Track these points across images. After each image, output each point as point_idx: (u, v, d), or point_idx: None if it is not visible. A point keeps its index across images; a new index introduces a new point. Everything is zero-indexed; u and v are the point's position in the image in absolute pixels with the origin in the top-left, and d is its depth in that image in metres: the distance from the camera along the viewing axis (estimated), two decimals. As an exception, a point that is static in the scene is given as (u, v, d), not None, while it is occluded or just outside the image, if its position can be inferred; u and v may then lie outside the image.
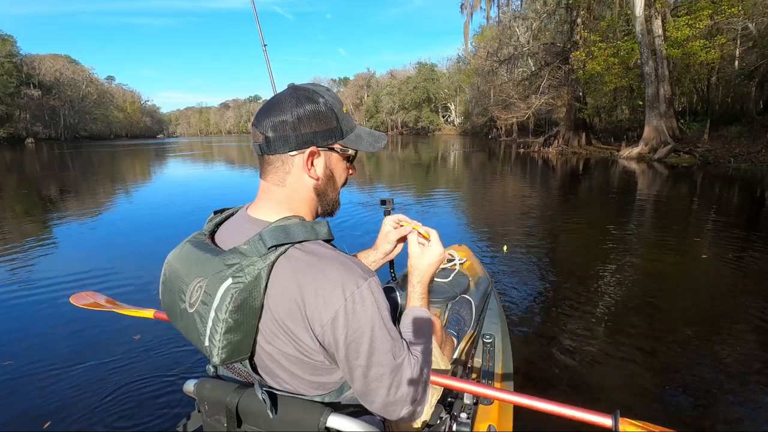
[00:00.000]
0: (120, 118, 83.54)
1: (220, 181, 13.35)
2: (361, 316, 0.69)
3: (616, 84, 16.49)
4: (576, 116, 19.72)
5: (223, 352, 0.69)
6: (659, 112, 14.85)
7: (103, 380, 2.39)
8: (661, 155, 14.11)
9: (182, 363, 2.53)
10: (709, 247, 4.84)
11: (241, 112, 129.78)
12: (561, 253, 4.88)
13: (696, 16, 13.97)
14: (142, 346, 2.74)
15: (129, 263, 4.65)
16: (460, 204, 8.25)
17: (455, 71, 54.60)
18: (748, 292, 3.47)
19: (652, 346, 2.65)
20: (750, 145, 13.09)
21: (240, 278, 0.68)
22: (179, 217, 7.23)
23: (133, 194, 10.73)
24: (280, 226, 0.73)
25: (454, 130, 54.87)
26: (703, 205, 7.47)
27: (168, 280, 0.81)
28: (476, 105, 40.09)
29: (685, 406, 2.11)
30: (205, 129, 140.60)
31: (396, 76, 70.17)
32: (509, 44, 24.68)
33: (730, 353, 2.54)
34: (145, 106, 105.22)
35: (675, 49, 14.44)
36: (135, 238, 5.93)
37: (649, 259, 4.40)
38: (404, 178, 13.01)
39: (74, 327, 3.05)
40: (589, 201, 8.51)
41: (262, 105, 0.84)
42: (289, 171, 0.79)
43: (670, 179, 10.77)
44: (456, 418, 1.13)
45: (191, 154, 28.85)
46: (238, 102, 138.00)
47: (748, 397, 2.15)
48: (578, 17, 18.71)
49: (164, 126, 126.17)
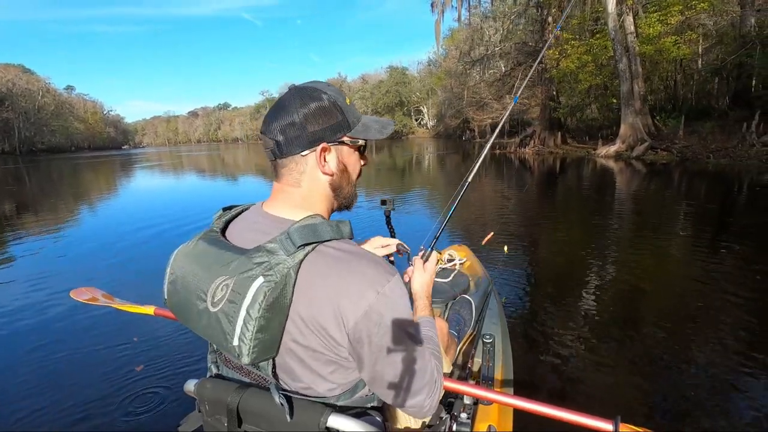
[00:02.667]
0: (81, 129, 79.86)
1: (194, 191, 12.44)
2: (392, 310, 0.72)
3: (591, 82, 16.31)
4: (551, 115, 19.54)
5: (254, 352, 0.68)
6: (634, 109, 14.72)
7: (103, 380, 2.40)
8: (639, 153, 13.94)
9: (182, 363, 2.53)
10: (709, 243, 4.71)
11: (210, 120, 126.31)
12: (561, 253, 4.80)
13: (667, 12, 13.90)
14: (142, 346, 2.74)
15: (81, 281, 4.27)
16: (441, 206, 7.91)
17: (426, 74, 54.72)
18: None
19: (653, 345, 2.64)
20: (725, 140, 13.03)
21: (271, 277, 0.67)
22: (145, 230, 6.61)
23: (96, 208, 9.77)
24: (308, 225, 0.73)
25: (428, 133, 54.76)
26: (692, 202, 7.33)
27: (179, 280, 0.79)
28: (449, 107, 39.96)
29: (684, 409, 2.07)
30: (173, 138, 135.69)
31: (368, 80, 70.07)
32: (481, 44, 24.41)
33: (719, 352, 2.53)
34: (109, 116, 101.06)
35: (647, 46, 14.33)
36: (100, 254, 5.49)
37: (644, 258, 4.34)
38: (383, 183, 12.41)
39: (73, 327, 3.06)
40: (581, 201, 8.17)
41: (268, 110, 0.81)
42: (303, 171, 0.80)
43: (651, 177, 10.63)
44: (456, 418, 1.15)
45: (159, 164, 27.90)
46: (207, 110, 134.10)
47: (749, 397, 2.12)
48: (549, 16, 18.55)
49: (130, 136, 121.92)
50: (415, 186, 11.51)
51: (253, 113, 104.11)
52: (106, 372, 2.49)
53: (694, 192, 8.39)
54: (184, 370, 2.45)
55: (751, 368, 2.34)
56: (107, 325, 3.07)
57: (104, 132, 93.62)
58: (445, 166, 17.10)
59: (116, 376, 2.44)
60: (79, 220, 8.50)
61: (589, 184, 10.46)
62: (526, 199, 8.51)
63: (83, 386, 2.35)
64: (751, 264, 3.90)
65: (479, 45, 24.42)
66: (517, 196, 8.76)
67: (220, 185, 14.52)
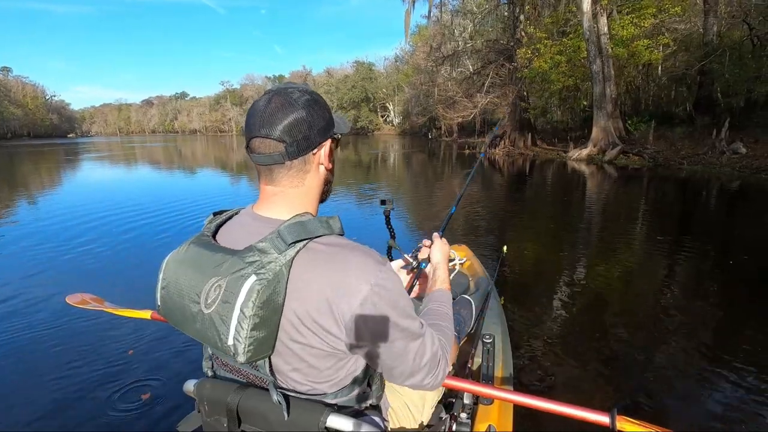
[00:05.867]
0: (18, 115, 73.50)
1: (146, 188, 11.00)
2: (386, 299, 0.72)
3: (563, 83, 15.99)
4: (521, 116, 19.19)
5: (249, 350, 0.68)
6: (607, 112, 14.50)
7: (103, 380, 2.38)
8: (611, 157, 13.71)
9: (181, 363, 2.52)
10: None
11: (166, 109, 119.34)
12: (560, 253, 4.87)
13: (640, 15, 13.72)
14: (142, 347, 2.72)
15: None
16: (418, 208, 7.70)
17: (393, 70, 53.91)
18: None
19: (651, 344, 2.70)
20: (695, 146, 13.00)
21: (263, 274, 0.68)
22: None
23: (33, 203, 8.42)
24: (298, 222, 0.74)
25: (394, 130, 54.15)
26: (681, 209, 7.33)
27: (172, 285, 0.79)
28: (416, 104, 39.31)
29: (687, 405, 2.14)
30: (125, 128, 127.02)
31: (333, 74, 68.66)
32: (452, 39, 23.81)
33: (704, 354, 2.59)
34: (52, 101, 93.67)
35: (621, 48, 14.11)
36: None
37: (638, 260, 4.51)
38: (353, 179, 11.49)
39: (71, 329, 2.98)
40: (566, 206, 7.70)
41: (253, 115, 0.78)
42: (309, 170, 0.81)
43: (627, 182, 10.53)
44: (456, 418, 1.17)
45: (109, 155, 26.04)
46: (163, 99, 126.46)
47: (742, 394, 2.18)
48: (521, 14, 18.16)
49: (76, 124, 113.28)
50: (399, 187, 10.76)
51: (213, 104, 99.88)
52: (105, 372, 2.47)
53: (677, 198, 8.32)
54: (183, 371, 2.42)
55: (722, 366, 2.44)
56: (105, 328, 3.01)
57: (46, 119, 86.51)
58: (415, 166, 16.63)
59: (115, 376, 2.42)
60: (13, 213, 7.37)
61: (569, 188, 10.11)
62: (506, 200, 8.24)
63: (82, 387, 2.34)
64: (721, 268, 4.24)
65: (450, 40, 23.84)
66: (499, 198, 8.40)
67: (180, 180, 13.36)
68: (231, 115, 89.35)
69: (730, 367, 2.40)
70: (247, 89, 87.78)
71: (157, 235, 5.76)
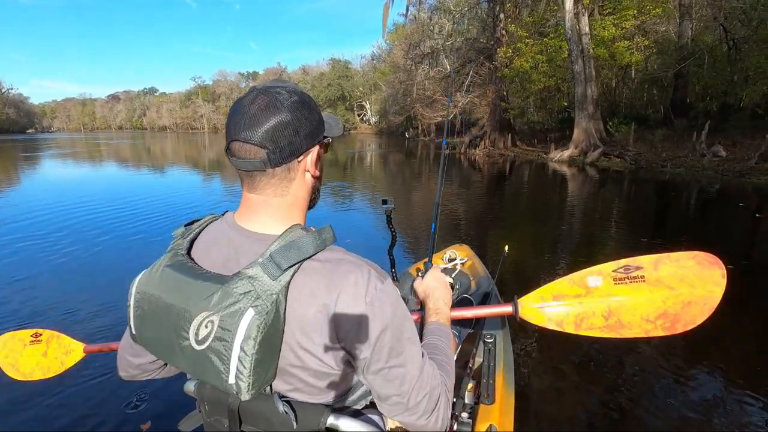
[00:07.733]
0: (-29, 108, 69.27)
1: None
2: (385, 316, 0.68)
3: (545, 83, 15.76)
4: (501, 116, 18.93)
5: (253, 387, 0.64)
6: (588, 114, 14.33)
7: (103, 380, 2.38)
8: (593, 159, 13.53)
9: None
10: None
11: (134, 105, 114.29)
12: (560, 253, 4.89)
13: (622, 16, 13.59)
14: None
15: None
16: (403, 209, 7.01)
17: (370, 69, 53.23)
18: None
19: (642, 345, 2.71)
20: (675, 149, 12.95)
21: (260, 307, 0.63)
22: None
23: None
24: (291, 243, 0.67)
25: (370, 129, 53.41)
26: (673, 213, 7.21)
27: (150, 315, 0.71)
28: (393, 103, 38.79)
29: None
30: (89, 124, 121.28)
31: (309, 72, 67.44)
32: (432, 37, 23.37)
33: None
34: (8, 95, 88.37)
35: (602, 49, 13.96)
36: None
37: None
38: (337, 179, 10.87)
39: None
40: (551, 207, 7.32)
41: (235, 115, 0.70)
42: (294, 178, 0.74)
43: (612, 184, 10.40)
44: (457, 417, 1.16)
45: (72, 152, 24.71)
46: (130, 94, 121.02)
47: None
48: (501, 12, 17.87)
49: (36, 119, 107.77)
50: (385, 187, 10.23)
51: (184, 100, 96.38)
52: (104, 373, 2.42)
53: (666, 202, 8.14)
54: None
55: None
56: (104, 327, 2.97)
57: (2, 113, 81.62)
58: (393, 166, 16.25)
59: (114, 376, 2.16)
60: None
61: (556, 190, 9.83)
62: (509, 201, 7.95)
63: (82, 387, 2.32)
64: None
65: (429, 38, 23.40)
66: (489, 200, 8.03)
67: (148, 179, 12.44)
68: (203, 112, 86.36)
69: (710, 367, 2.50)
70: (219, 85, 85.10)
71: (119, 246, 5.11)
